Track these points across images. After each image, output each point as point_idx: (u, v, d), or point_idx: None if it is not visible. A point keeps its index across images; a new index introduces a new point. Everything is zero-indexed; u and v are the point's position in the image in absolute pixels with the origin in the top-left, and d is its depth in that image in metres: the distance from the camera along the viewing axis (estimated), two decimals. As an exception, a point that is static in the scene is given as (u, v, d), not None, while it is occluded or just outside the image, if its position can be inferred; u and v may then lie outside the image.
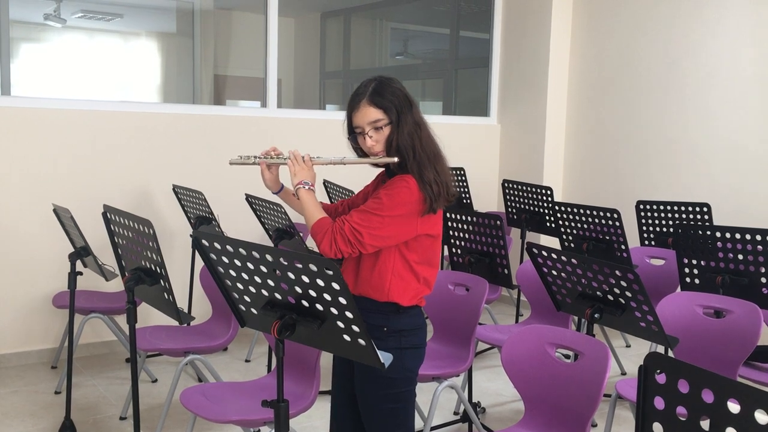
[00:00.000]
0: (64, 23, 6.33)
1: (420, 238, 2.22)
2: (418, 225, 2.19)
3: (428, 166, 2.18)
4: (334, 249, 2.13)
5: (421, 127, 2.22)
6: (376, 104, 2.18)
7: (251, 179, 5.04)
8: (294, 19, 7.53)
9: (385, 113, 2.18)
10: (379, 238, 2.14)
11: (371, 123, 2.19)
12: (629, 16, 5.65)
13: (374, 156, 2.22)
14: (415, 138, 2.19)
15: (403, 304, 2.23)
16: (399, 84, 2.25)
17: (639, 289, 2.60)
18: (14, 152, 4.33)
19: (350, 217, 2.15)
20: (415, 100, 2.26)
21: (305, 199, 2.22)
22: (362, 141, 2.22)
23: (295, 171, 2.24)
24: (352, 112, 2.22)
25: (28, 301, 4.45)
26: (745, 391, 1.38)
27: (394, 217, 2.14)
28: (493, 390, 4.22)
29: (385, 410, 2.26)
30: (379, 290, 2.22)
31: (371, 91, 2.19)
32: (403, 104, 2.20)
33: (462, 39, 7.21)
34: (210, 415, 2.61)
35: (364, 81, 2.25)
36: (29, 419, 3.67)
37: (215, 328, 3.62)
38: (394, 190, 2.16)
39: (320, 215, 2.20)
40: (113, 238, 2.82)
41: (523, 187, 5.06)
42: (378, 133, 2.19)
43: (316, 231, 2.17)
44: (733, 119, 5.05)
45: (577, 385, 2.42)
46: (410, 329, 2.26)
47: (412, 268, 2.23)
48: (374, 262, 2.22)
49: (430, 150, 2.21)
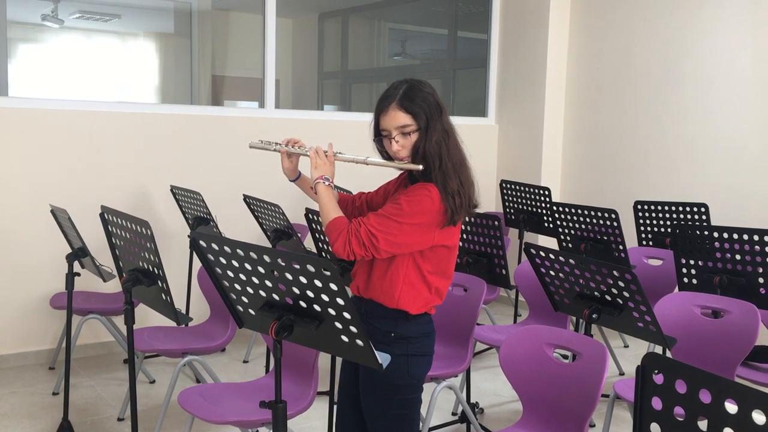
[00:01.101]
0: (62, 24, 6.32)
1: (436, 249, 2.18)
2: (435, 235, 2.14)
3: (453, 176, 2.12)
4: (348, 250, 2.09)
5: (450, 135, 2.17)
6: (405, 109, 2.12)
7: (250, 180, 5.06)
8: (292, 20, 7.54)
9: (414, 119, 2.12)
10: (394, 245, 2.10)
11: (399, 128, 2.13)
12: (627, 16, 5.65)
13: (399, 161, 2.17)
14: (442, 146, 2.13)
15: (411, 313, 2.19)
16: (430, 89, 2.18)
17: (637, 290, 2.60)
18: (12, 153, 4.32)
19: (368, 219, 2.11)
20: (446, 106, 2.20)
21: (323, 195, 2.17)
22: (388, 145, 2.17)
23: (317, 164, 2.20)
24: (380, 114, 2.16)
25: (26, 302, 4.45)
26: (742, 391, 1.38)
27: (413, 225, 2.10)
28: (491, 390, 4.22)
29: (390, 416, 2.24)
30: (388, 296, 2.19)
31: (401, 95, 2.13)
32: (433, 110, 2.13)
33: (460, 39, 7.22)
34: (208, 416, 2.61)
35: (395, 83, 2.19)
36: (27, 420, 3.67)
37: (213, 329, 3.62)
38: (415, 198, 2.11)
39: (336, 214, 2.15)
40: (111, 238, 2.82)
41: (521, 187, 5.06)
42: (405, 139, 2.13)
43: (330, 230, 2.13)
44: (730, 119, 5.06)
45: (575, 385, 2.42)
46: (418, 336, 2.22)
47: (424, 277, 2.19)
48: (387, 268, 2.18)
49: (456, 159, 2.16)
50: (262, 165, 5.14)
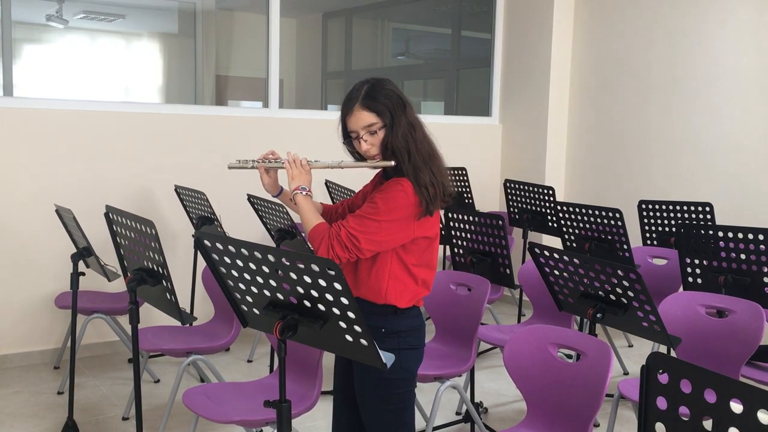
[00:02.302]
0: (66, 24, 6.34)
1: (417, 241, 2.21)
2: (414, 228, 2.18)
3: (424, 168, 2.16)
4: (332, 255, 2.12)
5: (416, 128, 2.20)
6: (369, 108, 2.16)
7: (253, 180, 5.06)
8: (296, 20, 7.54)
9: (379, 116, 2.16)
10: (375, 243, 2.14)
11: (365, 127, 2.17)
12: (631, 16, 5.64)
13: (371, 159, 2.21)
14: (409, 140, 2.16)
15: (400, 306, 2.22)
16: (392, 85, 2.22)
17: (641, 289, 2.60)
18: (17, 153, 4.33)
19: (346, 222, 2.15)
20: (409, 101, 2.23)
21: (302, 205, 2.21)
22: (358, 145, 2.21)
23: (293, 175, 2.23)
24: (345, 116, 2.20)
25: (31, 301, 4.46)
26: (747, 391, 1.37)
27: (391, 221, 2.14)
28: (495, 390, 4.22)
29: (385, 411, 2.26)
30: (376, 293, 2.22)
31: (363, 95, 2.17)
32: (396, 106, 2.17)
33: (463, 39, 7.21)
34: (212, 415, 2.61)
35: (357, 84, 2.23)
36: (32, 420, 3.68)
37: (217, 329, 3.62)
38: (389, 193, 2.15)
39: (317, 221, 2.20)
40: (115, 238, 2.82)
41: (525, 186, 5.06)
42: (373, 137, 2.18)
43: (313, 237, 2.17)
44: (735, 118, 5.05)
45: (580, 385, 2.42)
46: (408, 330, 2.25)
47: (409, 270, 2.23)
48: (371, 266, 2.21)
49: (425, 151, 2.19)
50: (266, 165, 5.15)
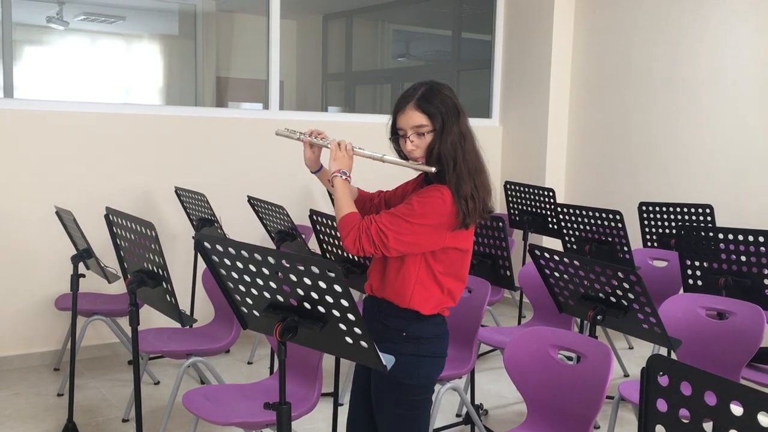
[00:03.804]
0: (67, 26, 6.34)
1: (448, 251, 2.19)
2: (447, 238, 2.15)
3: (467, 179, 2.13)
4: (358, 246, 2.11)
5: (467, 139, 2.17)
6: (421, 109, 2.14)
7: (254, 181, 5.07)
8: (296, 21, 7.54)
9: (430, 120, 2.14)
10: (404, 244, 2.12)
11: (414, 127, 2.15)
12: (631, 17, 5.64)
13: (413, 161, 2.19)
14: (458, 149, 2.14)
15: (423, 313, 2.20)
16: (450, 91, 2.20)
17: (641, 291, 2.60)
18: (17, 155, 4.33)
19: (379, 217, 2.13)
20: (465, 110, 2.20)
21: (339, 188, 2.20)
22: (403, 144, 2.19)
23: (335, 156, 2.22)
24: (397, 113, 2.19)
25: (31, 303, 4.46)
26: (748, 393, 1.37)
27: (424, 225, 2.11)
28: (495, 392, 4.22)
29: (399, 416, 2.24)
30: (400, 296, 2.20)
31: (420, 96, 2.15)
32: (450, 113, 2.15)
33: (464, 41, 7.21)
34: (212, 417, 2.61)
35: (416, 84, 2.21)
36: (31, 421, 3.67)
37: (217, 331, 3.62)
38: (427, 198, 2.13)
39: (349, 209, 2.18)
40: (116, 240, 2.82)
41: (525, 188, 5.06)
42: (420, 139, 2.16)
43: (342, 225, 2.16)
44: (736, 120, 5.05)
45: (580, 387, 2.42)
46: (429, 337, 2.23)
47: (436, 278, 2.20)
48: (399, 267, 2.19)
49: (472, 163, 2.16)
50: (266, 166, 5.15)
